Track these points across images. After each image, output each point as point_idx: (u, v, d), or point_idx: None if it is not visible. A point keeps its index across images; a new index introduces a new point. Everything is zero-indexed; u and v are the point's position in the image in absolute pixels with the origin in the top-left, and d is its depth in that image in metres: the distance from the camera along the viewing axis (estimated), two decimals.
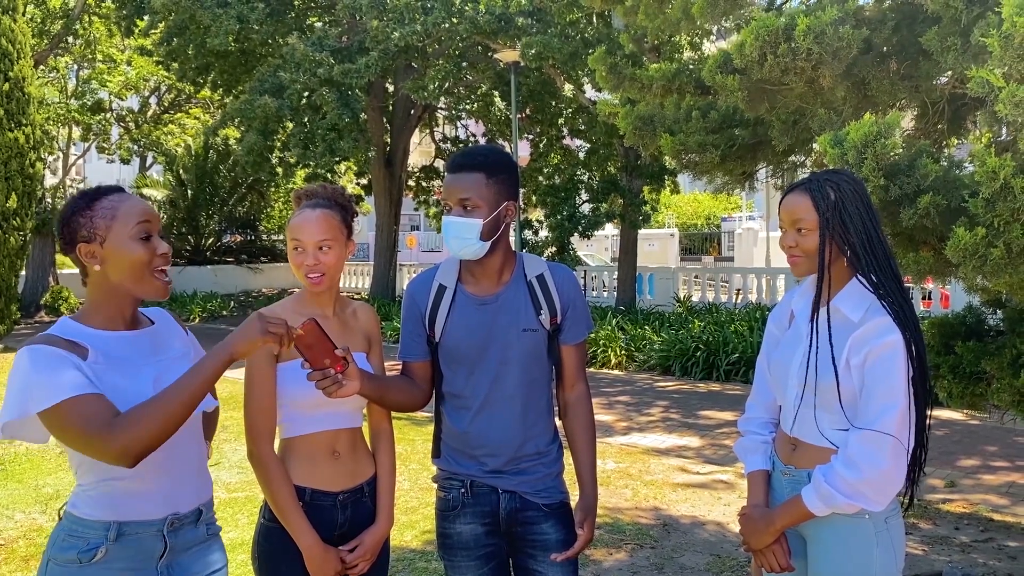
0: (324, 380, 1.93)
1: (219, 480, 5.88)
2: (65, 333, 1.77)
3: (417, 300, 2.28)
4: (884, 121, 2.96)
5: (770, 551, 2.06)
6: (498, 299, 2.21)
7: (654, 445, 7.15)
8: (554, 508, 2.24)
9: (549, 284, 2.23)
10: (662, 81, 4.39)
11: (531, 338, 2.19)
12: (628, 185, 15.96)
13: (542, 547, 2.21)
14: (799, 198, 2.02)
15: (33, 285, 19.47)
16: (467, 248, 2.14)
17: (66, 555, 1.76)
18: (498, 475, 2.21)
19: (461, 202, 2.13)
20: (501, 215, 2.16)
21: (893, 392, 1.89)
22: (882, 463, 1.88)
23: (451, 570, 2.27)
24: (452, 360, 2.24)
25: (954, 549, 4.55)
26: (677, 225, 34.03)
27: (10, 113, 13.07)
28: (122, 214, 1.81)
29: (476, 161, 2.16)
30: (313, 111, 15.22)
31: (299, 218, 2.13)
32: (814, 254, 2.00)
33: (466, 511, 2.23)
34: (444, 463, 2.30)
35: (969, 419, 7.83)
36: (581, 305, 2.28)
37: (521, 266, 2.26)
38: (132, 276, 1.82)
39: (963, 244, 2.68)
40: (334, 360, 1.92)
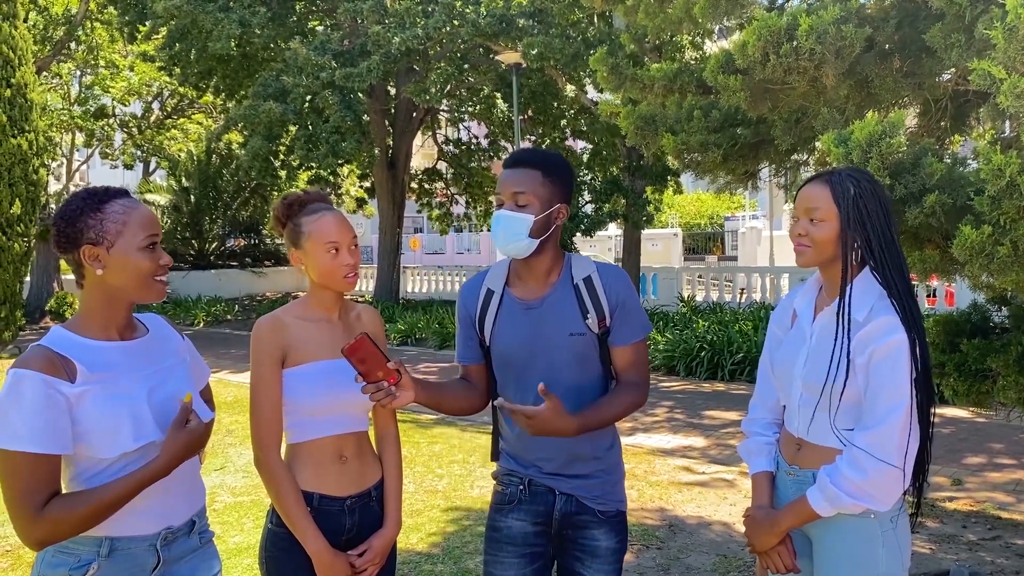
0: (378, 393, 1.93)
1: (224, 484, 5.89)
2: (57, 346, 1.74)
3: (467, 304, 2.28)
4: (888, 120, 2.94)
5: (775, 552, 2.05)
6: (543, 303, 2.18)
7: (659, 445, 7.14)
8: (609, 516, 2.22)
9: (596, 286, 2.18)
10: (664, 81, 4.37)
11: (579, 342, 2.15)
12: (631, 185, 15.95)
13: (591, 552, 2.20)
14: (819, 188, 2.01)
15: (38, 291, 19.52)
16: (515, 244, 2.12)
17: (57, 572, 1.73)
18: (556, 477, 2.21)
19: (514, 196, 2.11)
20: (553, 215, 2.14)
21: (898, 391, 1.88)
22: (887, 463, 1.87)
23: (494, 565, 2.24)
24: (502, 365, 2.23)
25: (961, 547, 4.54)
26: (680, 225, 34.01)
27: (13, 120, 13.11)
28: (133, 223, 1.79)
29: (535, 159, 2.15)
30: (316, 114, 15.24)
31: (325, 220, 2.11)
32: (823, 244, 1.99)
33: (521, 507, 2.23)
34: (505, 460, 2.30)
35: (975, 417, 7.81)
36: (632, 306, 2.20)
37: (568, 268, 2.21)
38: (134, 283, 1.81)
39: (969, 242, 2.67)
40: (387, 372, 1.94)
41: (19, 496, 1.65)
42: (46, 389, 1.67)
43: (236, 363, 11.78)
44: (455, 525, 4.98)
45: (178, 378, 1.91)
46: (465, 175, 21.42)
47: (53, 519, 1.66)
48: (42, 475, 1.66)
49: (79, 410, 1.70)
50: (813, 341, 2.04)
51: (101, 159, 25.57)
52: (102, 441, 1.72)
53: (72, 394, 1.69)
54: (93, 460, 1.74)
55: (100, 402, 1.72)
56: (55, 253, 10.47)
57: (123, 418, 1.74)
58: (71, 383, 1.70)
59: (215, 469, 6.16)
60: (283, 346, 2.10)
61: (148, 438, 1.77)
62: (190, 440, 1.80)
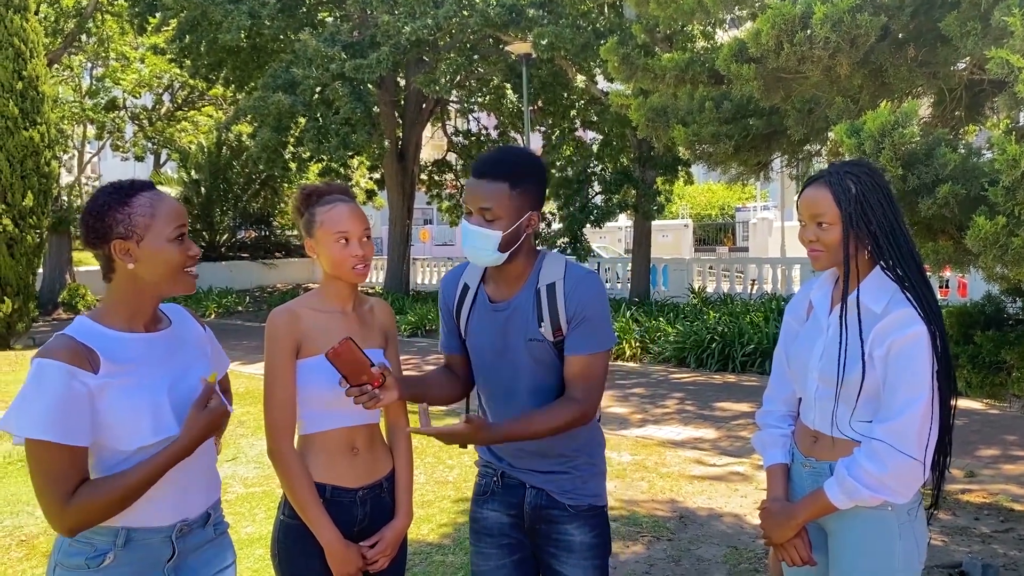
0: (362, 396, 1.95)
1: (236, 475, 5.92)
2: (82, 336, 1.74)
3: (446, 296, 2.29)
4: (902, 110, 2.92)
5: (791, 545, 2.04)
6: (510, 305, 2.16)
7: (670, 437, 7.13)
8: (580, 511, 2.18)
9: (558, 294, 2.10)
10: (675, 71, 4.35)
11: (537, 348, 2.12)
12: (641, 176, 15.90)
13: (565, 547, 2.18)
14: (819, 192, 1.99)
15: (50, 283, 19.65)
16: (484, 258, 2.09)
17: (73, 560, 1.75)
18: (526, 472, 2.21)
19: (481, 211, 2.05)
20: (522, 227, 2.08)
21: (917, 384, 1.87)
22: (906, 456, 1.86)
23: (476, 555, 2.27)
24: (474, 359, 2.25)
25: (974, 540, 4.52)
26: (691, 216, 33.89)
27: (25, 112, 13.18)
28: (161, 215, 1.79)
29: (501, 170, 2.06)
30: (326, 106, 15.24)
31: (338, 211, 2.11)
32: (835, 248, 1.97)
33: (496, 498, 2.24)
34: (481, 451, 2.31)
35: (988, 408, 7.76)
36: (594, 316, 2.09)
37: (538, 271, 2.15)
38: (165, 276, 1.81)
39: (983, 233, 2.65)
40: (370, 376, 1.95)
41: (47, 485, 1.66)
42: (70, 380, 1.67)
43: (247, 354, 11.82)
44: (465, 516, 4.97)
45: (199, 372, 1.92)
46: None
47: (82, 506, 1.68)
48: (68, 464, 1.67)
49: (101, 401, 1.71)
50: (829, 333, 2.03)
51: (112, 151, 25.68)
52: (122, 433, 1.73)
53: (94, 385, 1.70)
54: (112, 451, 1.75)
55: (122, 394, 1.73)
56: (67, 245, 10.53)
57: (144, 411, 1.75)
58: (94, 374, 1.71)
59: (227, 460, 6.19)
60: (297, 337, 2.10)
61: (167, 432, 1.78)
62: (211, 420, 1.81)
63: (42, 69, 13.67)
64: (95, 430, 1.71)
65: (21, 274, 13.42)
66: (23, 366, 11.57)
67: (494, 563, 2.23)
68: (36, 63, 13.45)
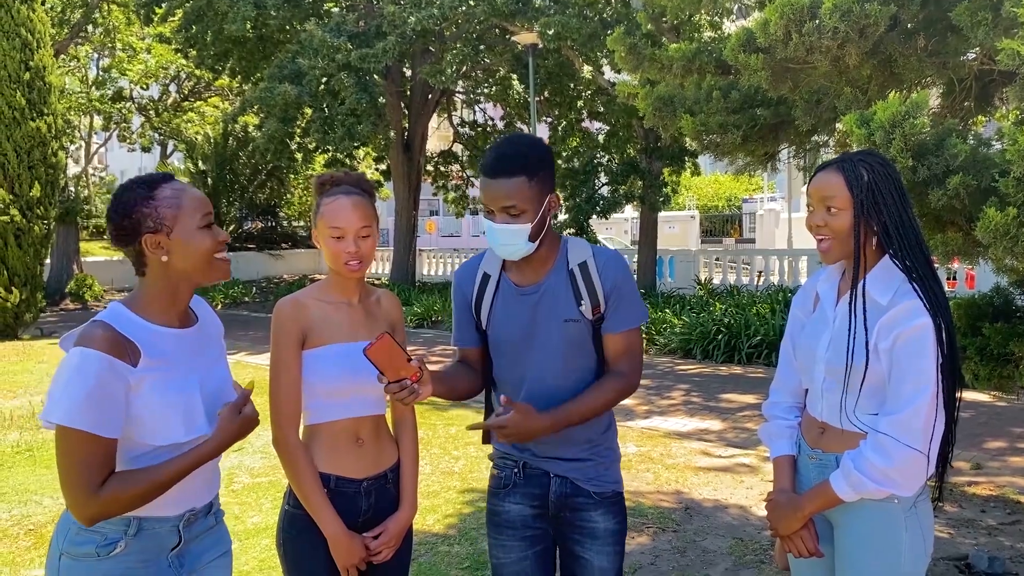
0: (401, 391, 1.93)
1: (242, 465, 5.94)
2: (121, 326, 1.74)
3: (463, 288, 2.27)
4: (912, 100, 2.90)
5: (798, 537, 2.04)
6: (539, 289, 2.16)
7: (675, 429, 7.13)
8: (605, 497, 2.21)
9: (591, 272, 2.14)
10: (682, 61, 4.33)
11: (573, 329, 2.13)
12: (648, 167, 15.84)
13: (590, 534, 2.19)
14: (832, 176, 1.97)
15: (58, 273, 19.70)
16: (516, 252, 2.09)
17: (82, 549, 1.75)
18: (549, 460, 2.20)
19: (505, 209, 2.04)
20: (546, 212, 2.09)
21: (923, 377, 1.86)
22: (912, 449, 1.85)
23: (497, 548, 2.26)
24: (497, 348, 2.23)
25: (980, 532, 4.51)
26: (698, 207, 33.78)
27: (32, 102, 13.20)
28: (187, 204, 1.80)
29: (516, 164, 2.04)
30: (332, 96, 15.22)
31: (336, 205, 2.09)
32: (843, 234, 1.96)
33: (517, 491, 2.23)
34: (498, 444, 2.28)
35: (996, 401, 7.74)
36: (628, 292, 2.15)
37: (565, 253, 2.18)
38: (199, 264, 1.82)
39: (993, 224, 2.63)
40: (408, 370, 1.94)
41: (76, 473, 1.67)
42: (111, 373, 1.68)
43: (253, 345, 11.85)
44: (471, 507, 5.00)
45: (222, 369, 1.94)
46: (481, 157, 21.22)
47: (110, 497, 1.68)
48: (100, 454, 1.68)
49: (136, 395, 1.72)
50: (836, 325, 2.02)
51: (119, 142, 25.73)
52: (154, 429, 1.74)
53: (132, 378, 1.71)
54: (138, 444, 1.76)
55: (156, 390, 1.74)
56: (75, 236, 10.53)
57: (177, 409, 1.76)
58: (133, 367, 1.71)
59: (233, 451, 6.21)
60: (303, 327, 2.10)
61: (200, 432, 1.80)
62: (244, 425, 1.85)
63: (49, 59, 13.68)
64: (127, 422, 1.73)
65: (29, 264, 13.47)
66: (31, 356, 11.62)
67: (516, 555, 2.23)
68: (43, 53, 13.46)
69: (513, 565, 2.23)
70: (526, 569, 2.23)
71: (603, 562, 2.19)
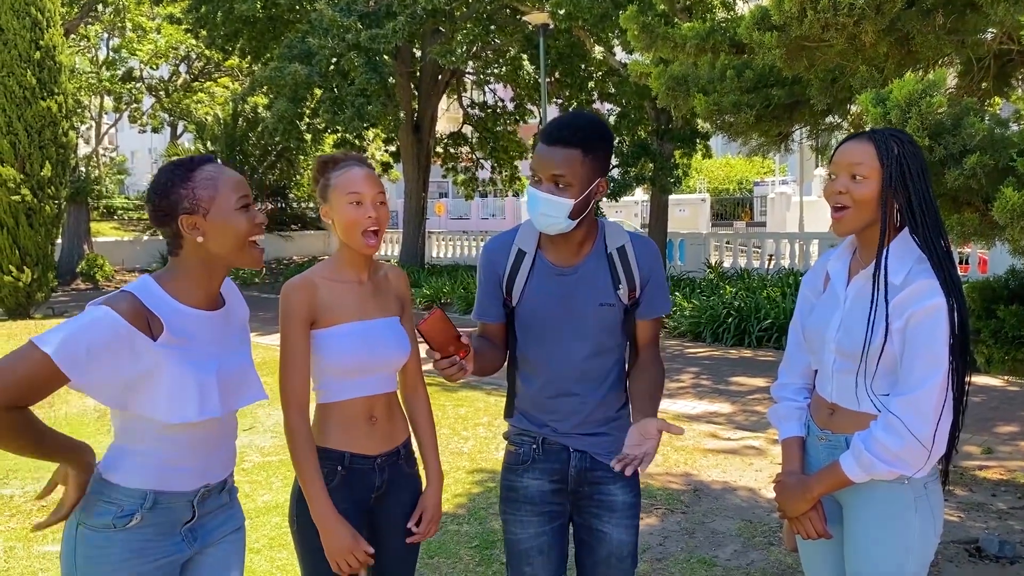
0: (451, 367, 1.93)
1: (253, 444, 5.97)
2: (148, 299, 1.75)
3: (495, 263, 2.24)
4: (929, 79, 2.85)
5: (807, 518, 2.03)
6: (577, 271, 2.16)
7: (685, 411, 7.12)
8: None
9: (630, 257, 2.15)
10: (696, 40, 4.27)
11: (608, 313, 2.14)
12: (659, 149, 15.73)
13: (608, 507, 2.21)
14: (862, 145, 1.94)
15: (69, 253, 19.81)
16: (554, 226, 2.07)
17: (100, 520, 1.77)
18: (569, 436, 2.21)
19: (554, 178, 2.03)
20: (592, 193, 2.07)
21: (936, 357, 1.84)
22: (924, 430, 1.83)
23: (513, 524, 2.25)
24: (526, 326, 2.22)
25: (991, 516, 4.49)
26: (708, 190, 33.59)
27: (42, 82, 13.21)
28: (223, 185, 1.80)
29: (576, 137, 2.03)
30: (342, 77, 15.16)
31: (351, 174, 2.09)
32: (863, 203, 1.92)
33: (536, 466, 2.23)
34: (517, 420, 2.29)
35: (1007, 385, 7.70)
36: (660, 280, 2.19)
37: (603, 237, 2.18)
38: (234, 247, 1.82)
39: (1011, 205, 2.60)
40: (458, 347, 1.94)
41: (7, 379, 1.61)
42: (119, 337, 1.66)
43: (264, 325, 11.89)
44: (480, 487, 5.02)
45: (242, 355, 1.94)
46: (491, 139, 21.24)
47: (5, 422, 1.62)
48: (42, 382, 1.63)
49: (151, 370, 1.72)
50: (847, 305, 2.00)
51: (129, 123, 25.76)
52: (164, 406, 1.74)
53: (150, 352, 1.71)
54: (147, 421, 1.77)
55: (172, 367, 1.74)
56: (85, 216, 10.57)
57: (191, 388, 1.76)
58: (152, 340, 1.71)
59: (244, 430, 6.24)
60: (313, 308, 2.09)
61: (212, 413, 1.80)
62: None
63: (59, 39, 13.67)
64: (139, 396, 1.73)
65: (40, 244, 13.53)
66: None
67: (533, 530, 2.23)
68: (53, 33, 13.45)
69: (530, 540, 2.23)
70: (543, 545, 2.23)
71: (621, 535, 2.21)
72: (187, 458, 1.83)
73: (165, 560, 1.82)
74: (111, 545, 1.76)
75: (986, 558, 3.89)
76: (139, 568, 1.78)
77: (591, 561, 2.23)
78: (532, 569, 2.23)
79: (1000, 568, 3.80)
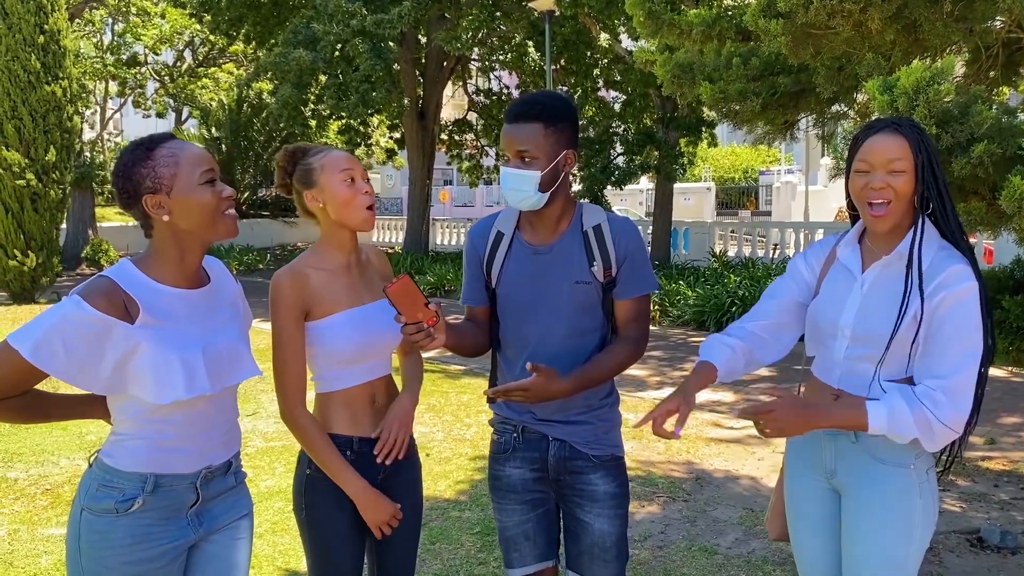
0: (418, 334, 1.93)
1: (256, 430, 5.99)
2: (125, 283, 1.75)
3: (476, 246, 2.27)
4: (937, 66, 2.82)
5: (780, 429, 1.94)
6: (552, 249, 2.17)
7: None
8: (604, 460, 2.22)
9: (605, 235, 2.16)
10: (702, 27, 4.24)
11: (583, 290, 2.14)
12: (664, 137, 15.68)
13: (590, 497, 2.21)
14: (894, 138, 1.90)
15: (73, 238, 19.83)
16: (525, 200, 2.10)
17: (102, 504, 1.77)
18: (548, 423, 2.21)
19: (519, 154, 2.08)
20: (560, 165, 2.10)
21: (972, 339, 1.83)
22: (963, 410, 1.83)
23: (499, 512, 2.29)
24: (505, 308, 2.23)
25: (993, 506, 4.49)
26: (714, 179, 33.52)
27: (47, 66, 13.18)
28: (185, 161, 1.78)
29: (534, 111, 2.08)
30: (346, 63, 15.11)
31: (336, 154, 2.11)
32: (905, 197, 1.90)
33: (516, 455, 2.25)
34: (499, 408, 2.31)
35: (1011, 376, 7.69)
36: (640, 260, 2.18)
37: (579, 216, 2.20)
38: (202, 222, 1.80)
39: (1018, 193, 2.58)
40: (426, 314, 1.94)
41: None
42: (93, 331, 1.67)
43: (267, 311, 11.92)
44: (482, 473, 5.03)
45: (231, 333, 1.92)
46: (495, 127, 21.19)
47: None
48: (18, 379, 1.71)
49: (133, 352, 1.72)
50: (866, 290, 1.98)
51: (134, 108, 25.71)
52: (152, 386, 1.74)
53: (129, 336, 1.71)
54: (139, 401, 1.77)
55: (154, 348, 1.73)
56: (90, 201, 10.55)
57: (175, 366, 1.75)
58: (130, 324, 1.71)
59: (247, 415, 6.26)
60: (306, 299, 2.08)
61: (201, 390, 1.79)
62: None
63: (64, 23, 13.63)
64: (126, 379, 1.73)
65: (45, 229, 13.54)
66: None
67: (518, 518, 2.26)
68: (58, 17, 13.41)
69: (516, 528, 2.26)
70: (528, 532, 2.26)
71: (603, 525, 2.20)
72: (183, 439, 1.82)
73: (170, 545, 1.82)
74: (114, 530, 1.76)
75: (988, 548, 3.89)
76: (143, 553, 1.78)
77: (576, 550, 2.24)
78: (520, 554, 2.26)
79: (1001, 558, 3.80)
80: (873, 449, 1.97)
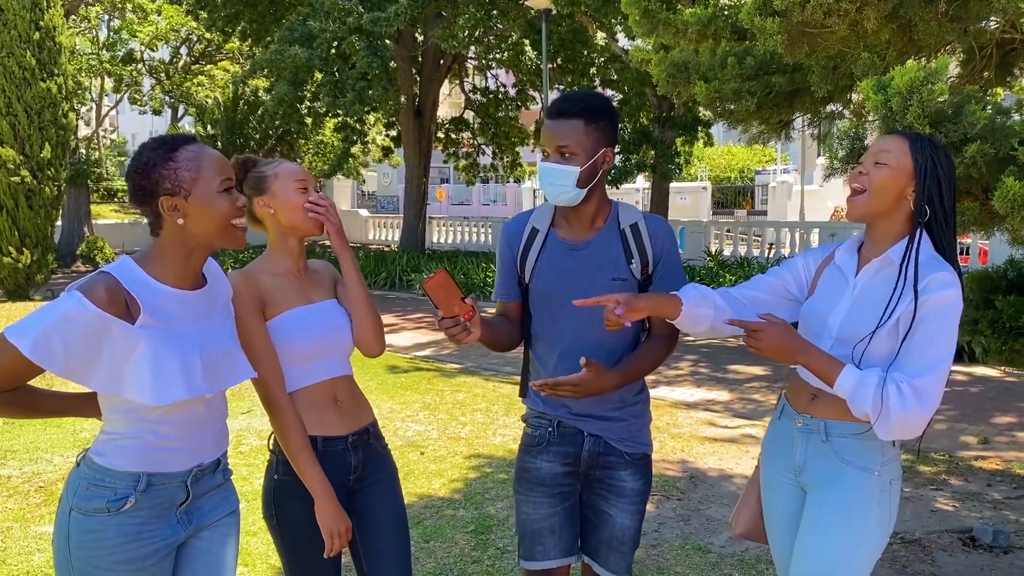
0: (455, 327, 1.96)
1: (251, 428, 5.98)
2: (127, 281, 1.73)
3: (510, 242, 2.30)
4: (931, 66, 2.83)
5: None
6: (589, 245, 2.20)
7: (682, 399, 7.13)
8: (636, 458, 2.27)
9: (643, 234, 2.20)
10: (698, 26, 4.23)
11: (620, 287, 2.16)
12: (660, 136, 15.68)
13: (617, 492, 2.26)
14: (895, 137, 1.99)
15: (69, 235, 19.78)
16: (563, 195, 2.13)
17: (92, 504, 1.76)
18: (584, 419, 2.24)
19: (559, 149, 2.11)
20: (598, 162, 2.14)
21: (946, 344, 1.88)
22: (927, 409, 1.86)
23: (526, 504, 2.30)
24: (540, 303, 2.26)
25: (986, 506, 4.50)
26: (710, 178, 33.51)
27: (42, 63, 13.13)
28: (207, 167, 1.78)
29: (576, 107, 2.12)
30: (342, 60, 15.09)
31: (288, 164, 2.17)
32: (880, 191, 1.94)
33: (550, 449, 2.28)
34: (533, 402, 2.34)
35: (1005, 376, 7.71)
36: (675, 259, 2.24)
37: (616, 214, 2.23)
38: (215, 229, 1.80)
39: (1011, 194, 2.58)
40: (462, 308, 1.96)
41: None
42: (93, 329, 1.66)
43: None
44: (477, 472, 5.03)
45: (226, 335, 1.93)
46: (492, 125, 21.18)
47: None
48: (15, 374, 1.71)
49: (132, 352, 1.71)
50: (857, 292, 2.01)
51: (130, 105, 25.67)
52: (149, 387, 1.73)
53: (129, 335, 1.70)
54: (137, 403, 1.76)
55: (153, 348, 1.73)
56: (86, 198, 10.54)
57: (175, 369, 1.75)
58: (130, 323, 1.70)
59: (242, 412, 6.25)
60: (260, 298, 2.10)
61: (199, 392, 1.79)
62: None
63: (59, 20, 13.58)
64: (123, 380, 1.72)
65: (39, 226, 13.50)
66: None
67: (545, 511, 2.28)
68: (53, 13, 13.37)
69: (542, 520, 2.28)
70: (554, 525, 2.28)
71: (626, 519, 2.26)
72: (177, 438, 1.82)
73: (161, 543, 1.82)
74: (105, 530, 1.75)
75: (980, 547, 3.91)
76: (134, 552, 1.77)
77: (594, 539, 2.29)
78: (544, 548, 2.28)
79: (993, 557, 3.82)
80: (841, 450, 2.01)
